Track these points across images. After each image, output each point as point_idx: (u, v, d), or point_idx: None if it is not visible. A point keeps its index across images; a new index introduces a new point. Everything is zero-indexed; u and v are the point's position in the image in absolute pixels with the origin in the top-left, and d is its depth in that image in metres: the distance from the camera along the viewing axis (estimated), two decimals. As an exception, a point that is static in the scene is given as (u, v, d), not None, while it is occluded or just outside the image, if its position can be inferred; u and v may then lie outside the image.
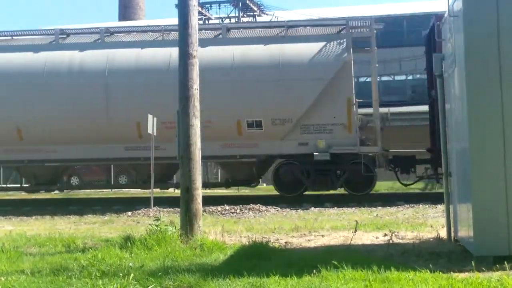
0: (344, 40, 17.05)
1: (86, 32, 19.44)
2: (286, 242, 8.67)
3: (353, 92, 16.97)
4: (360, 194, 16.98)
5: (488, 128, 6.39)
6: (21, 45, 18.53)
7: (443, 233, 8.31)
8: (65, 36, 18.80)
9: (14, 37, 19.10)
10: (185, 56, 8.90)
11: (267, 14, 37.62)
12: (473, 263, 5.91)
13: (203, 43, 17.43)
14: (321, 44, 17.08)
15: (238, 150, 17.11)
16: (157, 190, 18.92)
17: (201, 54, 17.04)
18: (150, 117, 15.32)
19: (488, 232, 6.31)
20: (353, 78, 17.14)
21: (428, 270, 5.75)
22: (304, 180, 17.24)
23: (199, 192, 8.80)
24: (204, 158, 17.59)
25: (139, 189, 24.56)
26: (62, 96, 17.28)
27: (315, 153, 16.79)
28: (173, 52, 16.90)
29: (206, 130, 16.52)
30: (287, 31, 17.74)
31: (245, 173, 17.99)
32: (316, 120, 16.89)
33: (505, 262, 5.87)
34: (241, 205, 15.01)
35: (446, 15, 7.84)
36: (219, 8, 38.71)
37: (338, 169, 17.22)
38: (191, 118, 8.77)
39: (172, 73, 16.45)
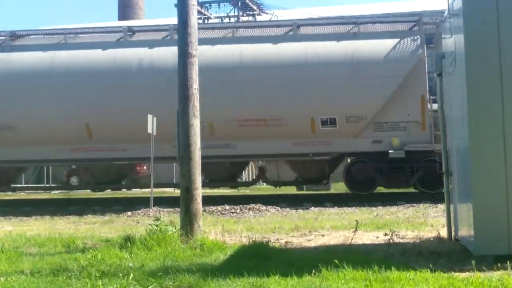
0: (418, 36, 17.01)
1: (153, 30, 19.32)
2: (286, 242, 8.65)
3: (427, 89, 16.85)
4: (433, 192, 16.72)
5: (488, 127, 6.36)
6: (87, 43, 18.35)
7: (444, 233, 8.30)
8: (131, 33, 18.73)
9: (79, 35, 18.98)
10: (184, 56, 8.84)
11: (266, 13, 37.58)
12: (473, 262, 5.89)
13: (275, 39, 17.55)
14: (395, 40, 16.98)
15: (310, 148, 17.01)
16: (157, 190, 18.87)
17: (272, 51, 17.38)
18: (149, 117, 15.30)
19: (489, 231, 6.29)
20: (426, 75, 16.99)
21: (428, 270, 5.73)
22: (377, 178, 17.20)
23: (199, 192, 8.77)
24: (275, 156, 17.86)
25: (138, 189, 24.55)
26: (132, 95, 17.09)
27: (390, 151, 16.76)
28: (245, 49, 17.16)
29: (279, 128, 16.81)
30: (359, 28, 17.59)
31: (316, 171, 17.91)
32: (390, 118, 16.80)
33: (507, 262, 5.85)
34: (241, 205, 14.98)
35: (446, 13, 7.83)
36: (219, 7, 38.74)
37: (411, 166, 17.09)
38: (190, 118, 8.73)
39: (245, 69, 16.83)
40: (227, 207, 14.83)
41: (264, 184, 20.64)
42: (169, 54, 17.14)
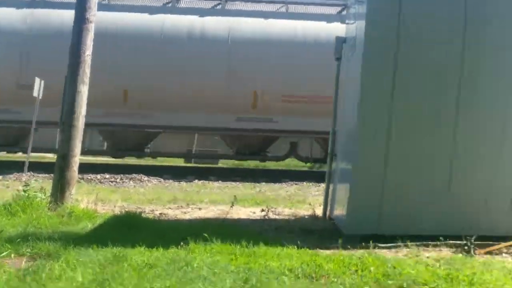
0: None
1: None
2: (161, 214, 8.44)
3: None
4: None
5: (376, 112, 6.42)
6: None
7: (320, 211, 8.39)
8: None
9: None
10: (80, 21, 8.49)
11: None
12: (340, 240, 5.96)
13: (328, 18, 16.86)
14: None
15: None
16: (36, 154, 17.96)
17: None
18: (37, 80, 14.43)
19: (360, 212, 6.41)
20: None
21: (295, 246, 5.74)
22: None
23: (77, 160, 8.44)
24: (314, 133, 17.09)
25: (19, 153, 23.13)
26: (180, 63, 16.29)
27: None
28: (298, 25, 16.84)
29: (323, 106, 15.84)
30: None
31: None
32: None
33: (370, 241, 5.96)
34: (122, 174, 14.56)
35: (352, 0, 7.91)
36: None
37: None
38: (79, 84, 8.41)
39: (300, 45, 16.42)
40: (107, 176, 14.34)
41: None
42: (222, 24, 16.77)
